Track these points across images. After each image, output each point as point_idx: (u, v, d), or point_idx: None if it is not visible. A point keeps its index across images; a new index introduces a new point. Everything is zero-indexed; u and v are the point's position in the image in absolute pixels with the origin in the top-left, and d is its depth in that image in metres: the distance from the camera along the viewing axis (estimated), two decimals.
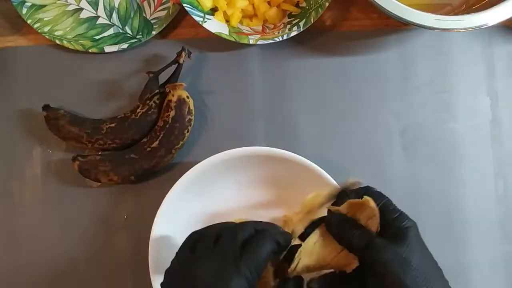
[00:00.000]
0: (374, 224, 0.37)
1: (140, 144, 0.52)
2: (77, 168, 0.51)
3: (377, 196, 0.38)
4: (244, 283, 0.33)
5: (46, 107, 0.52)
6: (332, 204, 0.40)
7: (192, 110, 0.52)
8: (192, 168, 0.47)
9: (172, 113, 0.51)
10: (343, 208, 0.38)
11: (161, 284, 0.37)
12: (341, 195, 0.40)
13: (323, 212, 0.40)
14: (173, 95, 0.51)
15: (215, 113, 0.55)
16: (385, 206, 0.37)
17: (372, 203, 0.36)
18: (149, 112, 0.52)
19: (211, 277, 0.34)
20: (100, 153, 0.53)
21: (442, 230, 0.53)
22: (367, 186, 0.39)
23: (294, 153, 0.47)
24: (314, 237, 0.40)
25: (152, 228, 0.47)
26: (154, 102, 0.52)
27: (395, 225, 0.35)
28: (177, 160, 0.54)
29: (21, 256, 0.53)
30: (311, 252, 0.39)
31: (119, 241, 0.53)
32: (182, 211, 0.49)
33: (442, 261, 0.53)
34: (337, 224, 0.37)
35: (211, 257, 0.35)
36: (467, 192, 0.54)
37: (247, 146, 0.48)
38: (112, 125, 0.52)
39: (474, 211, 0.54)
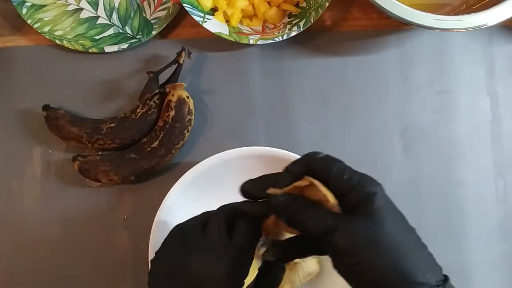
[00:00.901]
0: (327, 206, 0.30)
1: (140, 144, 0.52)
2: (77, 168, 0.51)
3: (326, 165, 0.31)
4: (236, 266, 0.33)
5: (46, 107, 0.52)
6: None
7: (192, 110, 0.52)
8: (192, 168, 0.47)
9: (172, 113, 0.51)
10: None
11: (149, 273, 0.36)
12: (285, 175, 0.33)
13: None
14: (173, 95, 0.51)
15: (215, 113, 0.55)
16: (338, 176, 0.31)
17: (318, 184, 0.30)
18: (149, 112, 0.52)
19: (205, 264, 0.33)
20: (100, 153, 0.53)
21: (442, 230, 0.53)
22: (309, 153, 0.32)
23: (294, 153, 0.47)
24: None
25: (152, 228, 0.47)
26: (154, 102, 0.52)
27: (354, 198, 0.30)
28: (177, 160, 0.54)
29: (21, 256, 0.53)
30: None
31: (119, 241, 0.53)
32: (182, 211, 0.49)
33: (442, 261, 0.53)
34: (285, 207, 0.31)
35: (201, 244, 0.34)
36: (467, 192, 0.54)
37: (247, 146, 0.48)
38: (112, 125, 0.52)
39: (474, 211, 0.54)
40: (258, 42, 0.52)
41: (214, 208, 0.51)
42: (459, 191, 0.54)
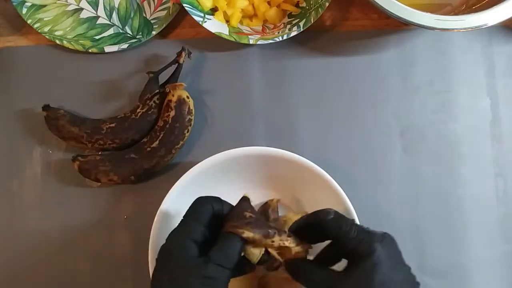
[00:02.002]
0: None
1: (140, 144, 0.52)
2: (77, 168, 0.51)
3: (337, 225, 0.37)
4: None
5: (46, 107, 0.52)
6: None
7: (192, 110, 0.52)
8: (192, 168, 0.47)
9: (172, 113, 0.51)
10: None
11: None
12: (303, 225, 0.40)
13: None
14: (173, 95, 0.51)
15: (215, 113, 0.55)
16: (345, 234, 0.36)
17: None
18: (149, 112, 0.52)
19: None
20: (100, 153, 0.53)
21: (442, 230, 0.53)
22: (320, 212, 0.39)
23: (294, 153, 0.47)
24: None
25: (152, 228, 0.47)
26: (154, 102, 0.52)
27: (356, 254, 0.35)
28: (177, 160, 0.54)
29: (21, 256, 0.53)
30: None
31: (119, 241, 0.53)
32: (182, 211, 0.48)
33: (442, 261, 0.53)
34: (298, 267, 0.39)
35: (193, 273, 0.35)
36: (467, 192, 0.54)
37: (247, 146, 0.48)
38: (112, 125, 0.52)
39: (474, 211, 0.54)
40: (258, 42, 0.52)
41: None
42: (459, 191, 0.54)
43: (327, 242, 0.40)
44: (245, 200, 0.40)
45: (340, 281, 0.35)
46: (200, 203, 0.39)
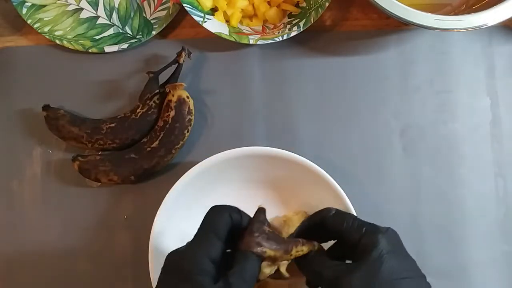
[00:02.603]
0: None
1: (140, 144, 0.52)
2: (77, 168, 0.51)
3: (338, 220, 0.38)
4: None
5: (46, 107, 0.52)
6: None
7: (192, 110, 0.52)
8: (192, 168, 0.47)
9: (172, 113, 0.51)
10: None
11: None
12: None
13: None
14: (173, 95, 0.51)
15: (215, 113, 0.55)
16: (347, 229, 0.37)
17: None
18: (149, 112, 0.52)
19: None
20: (100, 153, 0.53)
21: (442, 230, 0.53)
22: (323, 210, 0.40)
23: (294, 153, 0.47)
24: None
25: (152, 228, 0.47)
26: (154, 102, 0.52)
27: (361, 247, 0.35)
28: (177, 160, 0.54)
29: (21, 256, 0.53)
30: None
31: (119, 241, 0.53)
32: (182, 211, 0.49)
33: (442, 261, 0.53)
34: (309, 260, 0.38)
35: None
36: (467, 192, 0.54)
37: (247, 146, 0.48)
38: (112, 125, 0.52)
39: (474, 211, 0.54)
40: (258, 42, 0.52)
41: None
42: (459, 191, 0.54)
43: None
44: (261, 212, 0.38)
45: (347, 273, 0.34)
46: (218, 212, 0.36)
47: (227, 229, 0.35)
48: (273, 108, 0.55)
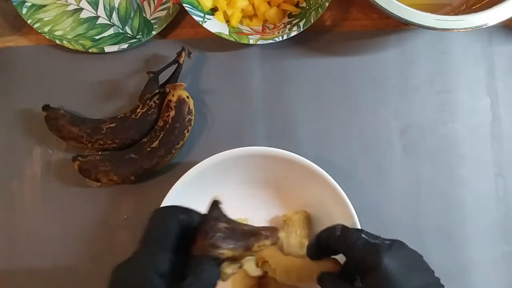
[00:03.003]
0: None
1: (140, 144, 0.52)
2: (77, 168, 0.51)
3: (343, 242, 0.37)
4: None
5: (46, 107, 0.52)
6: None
7: (192, 110, 0.52)
8: (192, 168, 0.47)
9: (172, 113, 0.51)
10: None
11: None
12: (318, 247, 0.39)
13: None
14: (173, 95, 0.51)
15: (215, 113, 0.55)
16: (351, 249, 0.36)
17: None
18: (149, 112, 0.52)
19: None
20: (100, 153, 0.53)
21: (442, 230, 0.53)
22: (328, 229, 0.38)
23: (294, 153, 0.47)
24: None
25: None
26: (154, 102, 0.52)
27: (364, 267, 0.35)
28: (177, 160, 0.54)
29: (21, 256, 0.53)
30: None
31: (119, 241, 0.53)
32: None
33: (442, 261, 0.53)
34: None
35: None
36: (467, 192, 0.54)
37: (247, 146, 0.48)
38: (112, 125, 0.52)
39: (474, 211, 0.54)
40: (258, 42, 0.52)
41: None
42: (459, 191, 0.54)
43: None
44: (216, 206, 0.34)
45: None
46: (163, 218, 0.32)
47: (175, 236, 0.31)
48: (273, 108, 0.55)
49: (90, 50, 0.54)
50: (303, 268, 0.41)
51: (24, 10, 0.54)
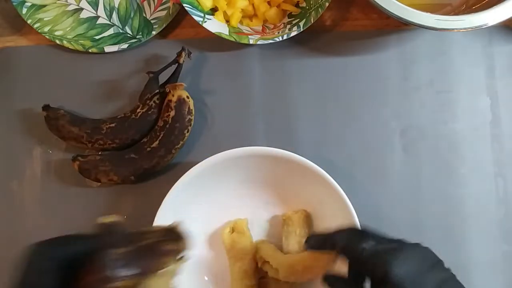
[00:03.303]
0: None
1: (140, 144, 0.52)
2: (77, 168, 0.51)
3: (349, 253, 0.37)
4: None
5: (46, 107, 0.52)
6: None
7: (192, 110, 0.52)
8: (192, 168, 0.47)
9: (172, 113, 0.51)
10: None
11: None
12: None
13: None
14: (173, 95, 0.51)
15: (215, 113, 0.55)
16: (357, 260, 0.36)
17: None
18: (149, 112, 0.52)
19: None
20: (100, 153, 0.53)
21: (442, 230, 0.53)
22: (334, 236, 0.38)
23: (294, 153, 0.47)
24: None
25: None
26: (154, 102, 0.52)
27: (373, 277, 0.35)
28: (177, 160, 0.54)
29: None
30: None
31: None
32: (182, 211, 0.49)
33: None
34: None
35: None
36: (467, 192, 0.54)
37: (247, 146, 0.48)
38: (112, 125, 0.52)
39: (474, 211, 0.54)
40: (258, 42, 0.52)
41: (214, 207, 0.51)
42: (459, 191, 0.54)
43: None
44: (107, 230, 0.30)
45: None
46: (36, 257, 0.28)
47: (54, 277, 0.27)
48: (273, 108, 0.55)
49: (90, 50, 0.54)
50: (307, 260, 0.42)
51: (24, 10, 0.54)
